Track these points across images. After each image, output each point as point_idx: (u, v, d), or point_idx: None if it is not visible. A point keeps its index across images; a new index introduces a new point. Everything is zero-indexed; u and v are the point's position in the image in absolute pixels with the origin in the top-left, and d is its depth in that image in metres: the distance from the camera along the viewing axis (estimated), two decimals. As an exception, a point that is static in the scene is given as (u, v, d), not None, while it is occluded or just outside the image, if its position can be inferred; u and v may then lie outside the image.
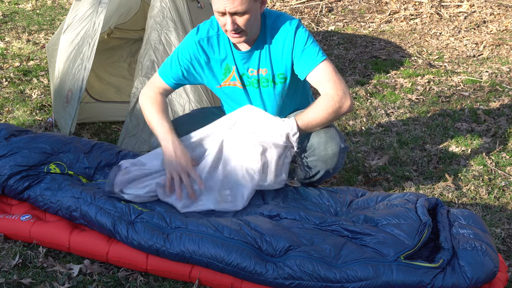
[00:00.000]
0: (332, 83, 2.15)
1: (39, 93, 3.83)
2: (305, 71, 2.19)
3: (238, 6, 1.98)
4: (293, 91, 2.35)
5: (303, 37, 2.17)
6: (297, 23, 2.19)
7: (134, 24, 3.94)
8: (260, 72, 2.26)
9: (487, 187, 2.74)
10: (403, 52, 5.13)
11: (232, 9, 1.99)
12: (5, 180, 2.24)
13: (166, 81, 2.32)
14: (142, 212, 2.07)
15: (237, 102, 2.39)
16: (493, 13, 6.28)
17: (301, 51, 2.17)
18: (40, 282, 1.95)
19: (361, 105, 3.84)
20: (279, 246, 1.91)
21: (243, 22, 2.04)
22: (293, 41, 2.17)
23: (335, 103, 2.13)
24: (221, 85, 2.33)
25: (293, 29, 2.17)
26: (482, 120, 3.57)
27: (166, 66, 2.32)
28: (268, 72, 2.25)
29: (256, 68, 2.25)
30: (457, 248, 1.88)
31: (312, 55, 2.17)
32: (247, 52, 2.22)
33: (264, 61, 2.23)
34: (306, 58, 2.17)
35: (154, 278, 2.01)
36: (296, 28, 2.17)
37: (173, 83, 2.33)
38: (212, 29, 2.25)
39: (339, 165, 2.28)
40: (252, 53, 2.22)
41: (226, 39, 2.23)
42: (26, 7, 6.48)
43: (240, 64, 2.26)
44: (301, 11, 6.56)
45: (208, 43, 2.24)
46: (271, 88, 2.29)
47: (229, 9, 1.99)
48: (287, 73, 2.26)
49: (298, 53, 2.18)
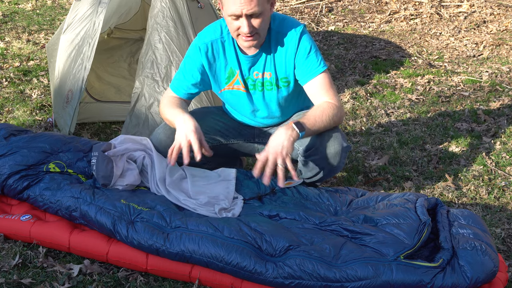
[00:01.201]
0: (332, 93, 2.21)
1: (39, 93, 3.83)
2: (305, 79, 2.21)
3: (255, 7, 1.97)
4: (297, 95, 2.36)
5: (307, 44, 2.19)
6: (302, 29, 2.20)
7: (134, 24, 3.94)
8: (264, 75, 2.26)
9: (487, 187, 2.74)
10: (403, 52, 5.13)
11: (250, 11, 1.98)
12: (4, 179, 2.24)
13: (178, 94, 2.32)
14: (142, 211, 2.07)
15: (240, 106, 2.40)
16: (493, 13, 6.28)
17: (304, 58, 2.19)
18: (40, 282, 1.95)
19: (361, 105, 3.84)
20: (279, 246, 1.91)
21: (259, 23, 2.03)
22: (296, 47, 2.18)
23: (338, 111, 2.18)
24: (224, 89, 2.34)
25: (298, 35, 2.18)
26: (482, 120, 3.58)
27: (176, 80, 2.33)
28: (272, 75, 2.26)
29: (261, 71, 2.26)
30: (457, 248, 1.88)
31: (314, 64, 2.19)
32: (254, 55, 2.22)
33: (268, 65, 2.24)
34: (308, 66, 2.19)
35: (154, 278, 2.01)
36: (301, 34, 2.18)
37: (186, 94, 2.33)
38: (215, 34, 2.24)
39: (341, 164, 2.28)
40: (259, 57, 2.23)
41: (231, 43, 2.23)
42: (26, 7, 6.48)
43: (245, 68, 2.26)
44: (301, 11, 6.56)
45: (211, 48, 2.24)
46: (275, 92, 2.30)
47: (247, 10, 1.98)
48: (290, 78, 2.27)
49: (301, 60, 2.19)
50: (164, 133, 2.32)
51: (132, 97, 2.95)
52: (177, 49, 2.91)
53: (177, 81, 2.33)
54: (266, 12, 2.06)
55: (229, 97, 2.37)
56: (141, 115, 2.89)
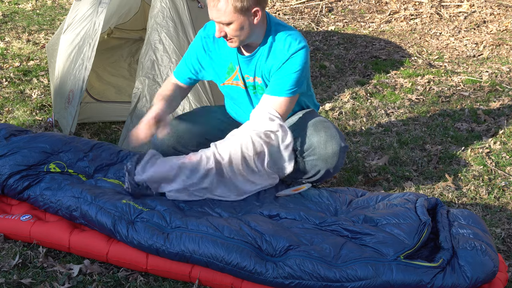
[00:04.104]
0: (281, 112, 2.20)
1: (39, 93, 3.83)
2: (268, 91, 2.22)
3: (221, 17, 2.09)
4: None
5: (295, 64, 2.18)
6: (299, 48, 2.17)
7: (134, 24, 3.94)
8: (255, 79, 2.30)
9: (487, 187, 2.74)
10: (403, 52, 5.13)
11: (217, 20, 2.11)
12: (5, 179, 2.24)
13: (178, 79, 2.42)
14: (142, 211, 2.07)
15: (239, 102, 2.40)
16: (493, 13, 6.28)
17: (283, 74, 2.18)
18: (40, 282, 1.95)
19: (361, 105, 3.84)
20: (279, 246, 1.91)
21: (229, 31, 2.13)
22: (284, 61, 2.18)
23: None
24: (224, 83, 2.37)
25: (292, 52, 2.17)
26: (482, 120, 3.58)
27: (179, 66, 2.43)
28: (262, 82, 2.29)
29: (252, 76, 2.29)
30: (457, 248, 1.88)
31: (285, 86, 2.19)
32: (247, 57, 2.26)
33: (258, 71, 2.27)
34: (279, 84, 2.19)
35: (154, 278, 2.01)
36: (295, 52, 2.17)
37: (186, 80, 2.41)
38: None
39: (339, 165, 2.28)
40: (251, 60, 2.26)
41: None
42: (26, 7, 6.48)
43: (243, 66, 2.29)
44: (301, 11, 6.56)
45: (214, 40, 2.30)
46: None
47: (215, 19, 2.11)
48: None
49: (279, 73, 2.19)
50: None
51: (132, 98, 2.95)
52: (177, 49, 2.91)
53: (179, 67, 2.43)
54: (240, 22, 2.09)
55: (230, 91, 2.41)
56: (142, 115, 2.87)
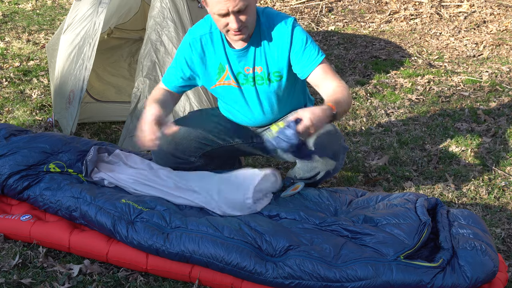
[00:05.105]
0: (337, 77, 2.17)
1: (39, 93, 3.83)
2: (307, 71, 2.18)
3: (240, 3, 1.97)
4: (290, 89, 2.33)
5: (301, 36, 2.16)
6: (292, 22, 2.18)
7: (134, 24, 3.94)
8: (255, 70, 2.24)
9: (487, 187, 2.74)
10: (403, 52, 5.13)
11: (236, 8, 1.98)
12: (4, 179, 2.24)
13: (168, 86, 2.33)
14: (142, 211, 2.07)
15: (233, 101, 2.38)
16: (493, 13, 6.28)
17: (301, 51, 2.16)
18: (40, 282, 1.95)
19: (361, 105, 3.84)
20: (279, 246, 1.91)
21: (246, 17, 2.03)
22: (290, 41, 2.16)
23: (349, 92, 2.13)
24: (215, 85, 2.32)
25: (290, 29, 2.16)
26: (482, 120, 3.58)
27: (167, 73, 2.34)
28: (263, 70, 2.23)
29: (252, 66, 2.23)
30: (457, 248, 1.88)
31: (313, 55, 2.16)
32: (242, 49, 2.20)
33: (259, 59, 2.22)
34: (307, 58, 2.16)
35: (154, 278, 2.01)
36: (292, 27, 2.16)
37: (175, 87, 2.33)
38: (204, 29, 2.23)
39: (339, 165, 2.28)
40: (248, 51, 2.21)
41: (219, 38, 2.22)
42: (26, 7, 6.48)
43: (234, 62, 2.24)
44: (301, 11, 6.56)
45: (201, 43, 2.23)
46: (266, 86, 2.27)
47: (233, 7, 1.98)
48: (283, 72, 2.24)
49: (298, 54, 2.17)
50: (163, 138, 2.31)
51: (132, 98, 2.95)
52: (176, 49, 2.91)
53: (167, 74, 2.34)
54: (252, 5, 2.05)
55: (222, 92, 2.35)
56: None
